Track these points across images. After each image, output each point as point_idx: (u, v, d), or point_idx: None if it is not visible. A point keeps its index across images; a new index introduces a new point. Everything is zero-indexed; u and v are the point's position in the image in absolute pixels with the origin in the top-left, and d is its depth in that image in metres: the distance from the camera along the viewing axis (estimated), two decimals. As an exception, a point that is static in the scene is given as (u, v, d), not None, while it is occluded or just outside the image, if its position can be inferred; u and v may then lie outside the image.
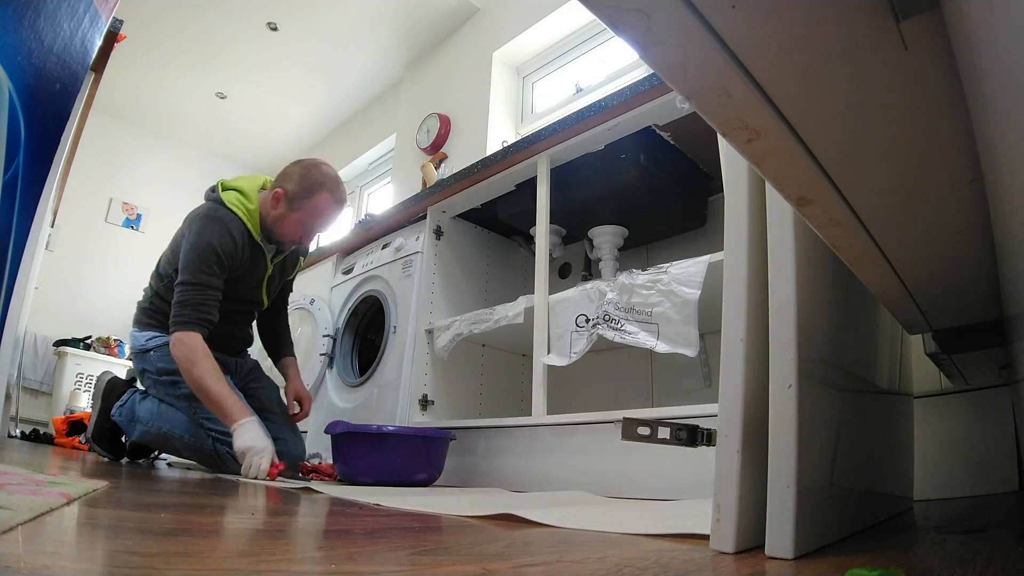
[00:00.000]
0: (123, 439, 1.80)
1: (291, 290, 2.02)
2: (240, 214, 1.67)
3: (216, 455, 1.58)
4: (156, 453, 1.88)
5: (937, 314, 0.76)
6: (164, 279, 1.73)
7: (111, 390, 1.79)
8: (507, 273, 2.28)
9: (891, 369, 0.95)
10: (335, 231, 2.53)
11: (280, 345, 1.95)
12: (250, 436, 1.48)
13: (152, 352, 1.71)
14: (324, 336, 2.30)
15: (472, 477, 1.67)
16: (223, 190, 1.72)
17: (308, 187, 1.68)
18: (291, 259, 1.89)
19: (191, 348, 1.54)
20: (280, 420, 1.85)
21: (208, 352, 1.56)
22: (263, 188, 1.76)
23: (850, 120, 0.35)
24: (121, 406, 1.73)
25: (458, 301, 2.07)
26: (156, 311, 1.75)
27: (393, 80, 3.98)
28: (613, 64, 2.67)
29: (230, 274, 1.66)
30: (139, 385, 1.83)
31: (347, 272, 2.41)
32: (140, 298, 1.84)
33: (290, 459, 1.78)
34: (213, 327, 1.62)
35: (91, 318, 4.01)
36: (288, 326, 1.99)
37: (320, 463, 1.88)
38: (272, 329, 1.95)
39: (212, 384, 1.52)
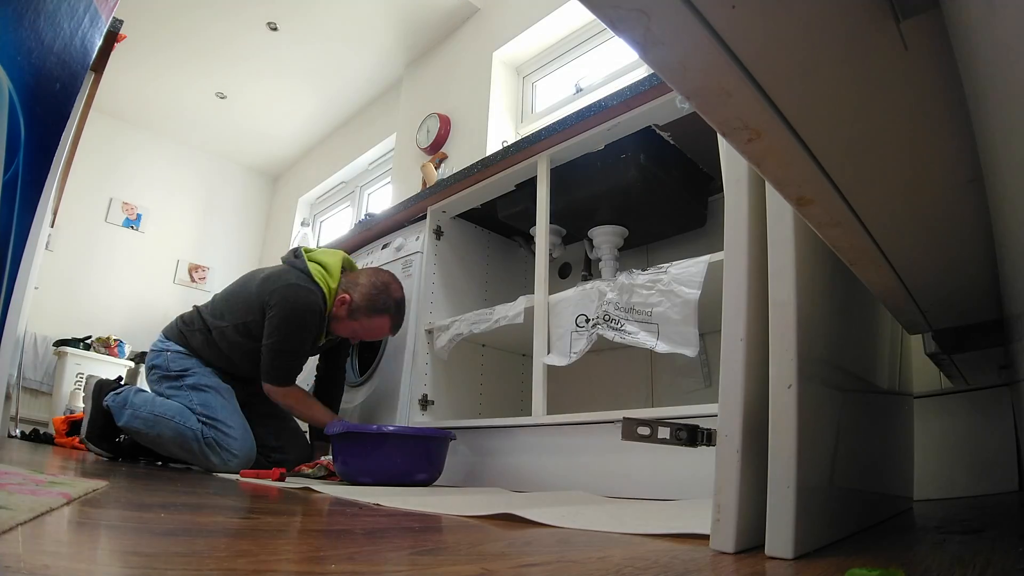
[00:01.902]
0: (118, 438, 1.81)
1: (347, 356, 2.12)
2: (325, 291, 1.79)
3: (201, 438, 1.66)
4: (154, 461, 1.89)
5: (937, 314, 0.76)
6: (223, 322, 1.82)
7: (100, 390, 1.84)
8: (507, 273, 2.28)
9: (891, 369, 0.95)
10: (336, 232, 2.53)
11: (331, 403, 2.02)
12: None
13: (168, 353, 1.84)
14: (325, 336, 2.29)
15: (472, 477, 1.67)
16: (308, 260, 1.82)
17: (372, 308, 1.79)
18: (335, 337, 1.98)
19: (298, 399, 1.79)
20: (279, 424, 1.88)
21: (306, 396, 1.82)
22: (343, 265, 1.90)
23: (850, 120, 0.35)
24: (116, 394, 1.78)
25: (458, 301, 2.07)
26: (193, 338, 1.86)
27: (393, 80, 3.98)
28: (613, 64, 2.67)
29: None
30: (143, 383, 1.88)
31: (347, 272, 2.41)
32: (185, 314, 1.94)
33: (291, 464, 1.81)
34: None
35: (91, 318, 4.01)
36: (341, 388, 2.08)
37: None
38: (324, 398, 2.00)
39: (323, 415, 1.77)
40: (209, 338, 1.83)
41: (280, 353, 1.75)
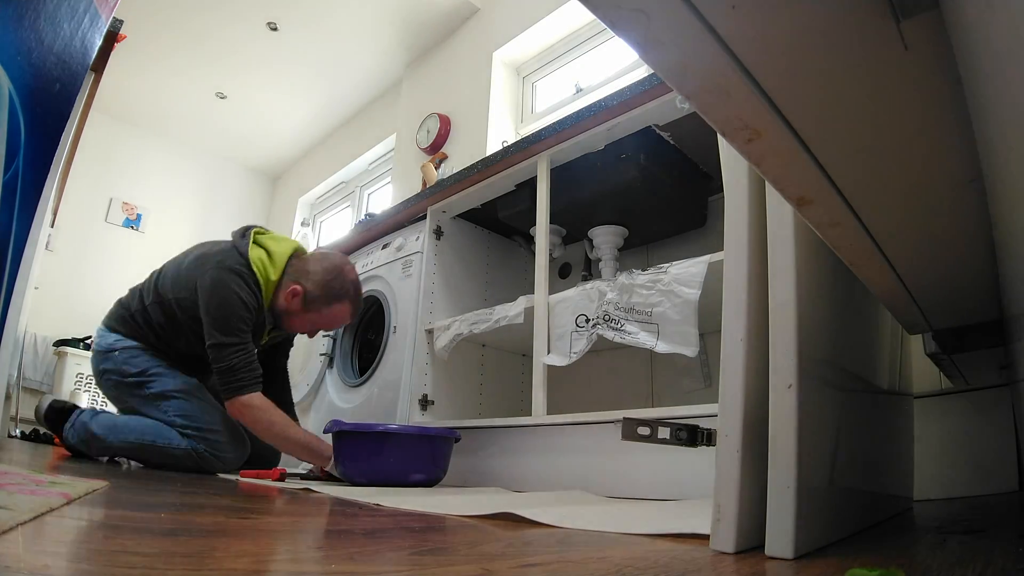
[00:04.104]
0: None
1: (287, 356, 1.99)
2: (260, 280, 1.61)
3: (195, 454, 1.54)
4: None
5: (937, 314, 0.76)
6: (158, 301, 1.67)
7: (55, 420, 1.69)
8: (507, 273, 2.28)
9: (891, 369, 0.95)
10: (336, 232, 2.53)
11: (288, 408, 1.83)
12: None
13: (117, 352, 1.66)
14: (324, 336, 2.30)
15: (472, 477, 1.67)
16: (253, 242, 1.65)
17: (329, 295, 1.64)
18: (279, 336, 1.85)
19: (262, 409, 1.52)
20: None
21: (274, 407, 1.55)
22: (293, 255, 1.70)
23: (850, 120, 0.35)
24: (71, 427, 1.64)
25: (458, 301, 2.07)
26: (136, 323, 1.70)
27: (393, 80, 3.98)
28: (613, 64, 2.67)
29: None
30: (97, 390, 1.74)
31: (347, 272, 2.41)
32: (123, 297, 1.78)
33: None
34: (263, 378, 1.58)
35: (91, 318, 3.96)
36: (290, 392, 1.94)
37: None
38: (274, 389, 1.79)
39: (295, 435, 1.54)
40: (148, 318, 1.67)
41: (227, 348, 1.51)
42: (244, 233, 1.69)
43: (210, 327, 1.54)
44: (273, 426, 1.52)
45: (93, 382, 2.55)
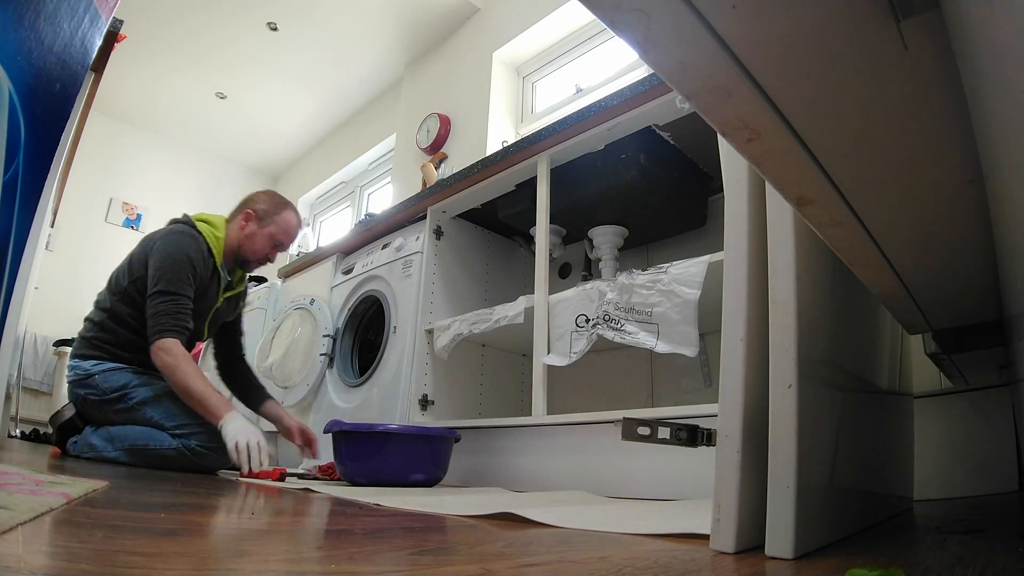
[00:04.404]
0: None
1: (242, 334, 2.05)
2: (209, 239, 1.80)
3: (188, 452, 1.58)
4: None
5: (937, 314, 0.76)
6: (117, 294, 1.76)
7: (62, 432, 1.79)
8: (507, 273, 2.28)
9: (891, 369, 0.95)
10: (336, 232, 2.52)
11: (257, 391, 1.96)
12: (234, 427, 1.54)
13: (96, 376, 1.73)
14: (324, 336, 2.30)
15: (472, 477, 1.67)
16: (194, 219, 1.85)
17: (276, 206, 1.91)
18: (234, 302, 1.96)
19: (172, 355, 1.60)
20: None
21: (188, 356, 1.64)
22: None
23: (850, 120, 0.35)
24: (74, 443, 1.73)
25: (458, 301, 2.07)
26: (101, 340, 1.76)
27: (393, 80, 3.98)
28: (613, 64, 2.67)
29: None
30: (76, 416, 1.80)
31: (347, 272, 2.41)
32: (82, 328, 1.83)
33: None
34: (189, 334, 1.68)
35: (91, 318, 4.01)
36: (254, 374, 2.03)
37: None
38: (241, 380, 1.99)
39: (195, 384, 1.58)
40: (116, 317, 1.75)
41: (163, 296, 1.63)
42: (183, 216, 1.88)
43: (152, 279, 1.67)
44: (176, 371, 1.58)
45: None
